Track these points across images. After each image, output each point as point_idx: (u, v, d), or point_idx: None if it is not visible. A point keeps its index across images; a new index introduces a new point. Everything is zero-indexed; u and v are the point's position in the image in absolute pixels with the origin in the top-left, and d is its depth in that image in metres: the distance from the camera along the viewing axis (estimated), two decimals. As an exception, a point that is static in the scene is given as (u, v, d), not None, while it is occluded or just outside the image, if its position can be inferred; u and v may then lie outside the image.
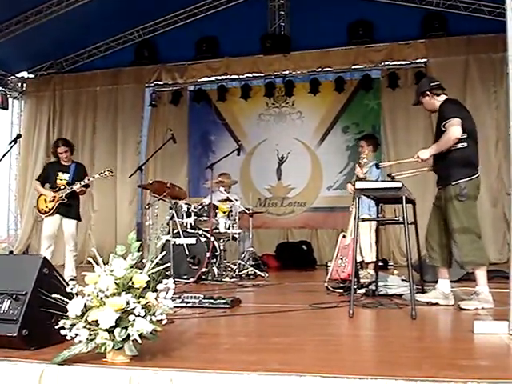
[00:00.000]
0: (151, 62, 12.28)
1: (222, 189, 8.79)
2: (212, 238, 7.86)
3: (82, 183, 7.27)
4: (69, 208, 7.38)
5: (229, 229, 8.28)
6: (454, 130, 4.64)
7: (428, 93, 5.04)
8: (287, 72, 11.76)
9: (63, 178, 7.42)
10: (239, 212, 8.51)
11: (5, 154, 6.25)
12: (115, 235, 11.96)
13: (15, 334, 2.92)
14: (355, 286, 5.08)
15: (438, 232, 5.02)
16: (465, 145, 4.72)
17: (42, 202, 7.45)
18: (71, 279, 6.31)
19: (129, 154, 12.21)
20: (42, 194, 7.48)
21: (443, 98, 5.00)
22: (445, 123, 4.72)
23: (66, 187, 7.32)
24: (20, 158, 12.98)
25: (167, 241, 7.50)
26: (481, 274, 4.67)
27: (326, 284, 6.29)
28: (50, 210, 7.34)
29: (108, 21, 11.29)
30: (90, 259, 2.95)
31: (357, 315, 4.42)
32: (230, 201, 8.50)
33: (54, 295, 2.86)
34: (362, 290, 5.76)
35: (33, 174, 12.47)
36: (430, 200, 5.33)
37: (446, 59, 10.52)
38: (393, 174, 5.07)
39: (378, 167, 6.23)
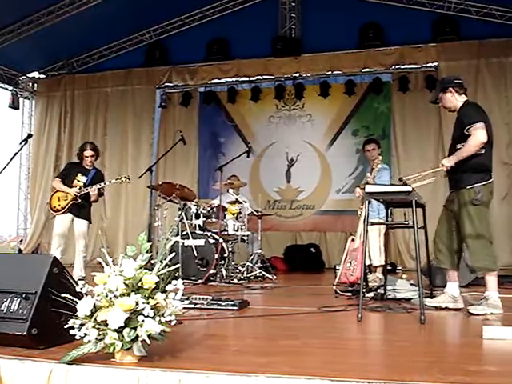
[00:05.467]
0: (162, 64, 12.35)
1: (231, 190, 8.80)
2: (220, 240, 7.86)
3: (98, 186, 7.33)
4: (81, 208, 7.44)
5: (237, 231, 8.28)
6: (480, 135, 4.56)
7: (451, 89, 4.92)
8: (297, 74, 11.81)
9: (81, 179, 7.47)
10: (248, 214, 8.51)
11: (15, 154, 6.27)
12: (126, 235, 12.01)
13: (24, 333, 2.93)
14: (364, 290, 5.06)
15: (447, 234, 4.99)
16: (482, 151, 4.65)
17: (55, 200, 7.49)
18: (80, 279, 6.33)
19: (142, 155, 12.28)
20: (57, 191, 7.52)
21: (464, 98, 4.92)
22: (469, 127, 4.62)
23: (81, 188, 7.36)
24: (31, 157, 13.06)
25: (176, 242, 7.50)
26: (491, 279, 4.64)
27: (334, 287, 6.26)
28: (63, 208, 7.39)
29: (119, 22, 11.37)
30: (100, 259, 2.96)
31: (365, 319, 4.40)
32: (239, 203, 8.49)
33: (63, 295, 2.87)
34: (371, 294, 5.74)
35: (43, 173, 12.56)
36: (439, 204, 5.30)
37: (457, 63, 10.50)
38: (404, 178, 4.98)
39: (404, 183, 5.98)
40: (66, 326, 2.78)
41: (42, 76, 13.24)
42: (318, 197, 11.71)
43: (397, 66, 11.20)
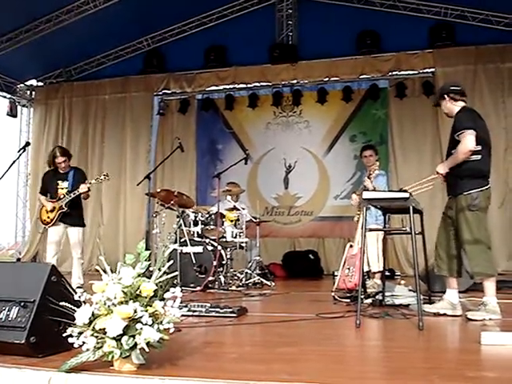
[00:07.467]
0: (160, 71, 12.37)
1: (229, 197, 8.80)
2: (219, 247, 7.86)
3: (76, 192, 7.14)
4: (71, 216, 7.31)
5: (236, 237, 8.27)
6: (468, 142, 4.59)
7: (446, 96, 5.00)
8: (295, 81, 11.82)
9: (63, 186, 7.33)
10: (246, 221, 8.52)
11: (13, 162, 6.28)
12: (124, 243, 11.98)
13: (23, 341, 2.93)
14: (362, 296, 5.06)
15: (447, 241, 4.99)
16: (478, 157, 4.68)
17: (43, 213, 7.39)
18: (78, 287, 6.30)
19: (139, 162, 12.26)
20: (43, 206, 7.46)
21: (461, 104, 4.96)
22: (459, 133, 4.67)
23: (65, 196, 7.25)
24: (29, 165, 13.05)
25: (174, 249, 7.48)
26: (489, 285, 4.64)
27: (332, 293, 6.27)
28: (52, 219, 7.26)
29: (117, 30, 11.39)
30: (98, 267, 2.96)
31: (364, 325, 4.40)
32: (237, 209, 8.49)
33: (62, 303, 2.87)
34: (369, 300, 5.74)
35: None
36: (437, 210, 5.32)
37: (454, 69, 10.53)
38: (405, 188, 4.96)
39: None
40: (64, 335, 2.78)
41: (40, 84, 13.24)
42: (316, 203, 11.72)
43: (394, 73, 11.21)
